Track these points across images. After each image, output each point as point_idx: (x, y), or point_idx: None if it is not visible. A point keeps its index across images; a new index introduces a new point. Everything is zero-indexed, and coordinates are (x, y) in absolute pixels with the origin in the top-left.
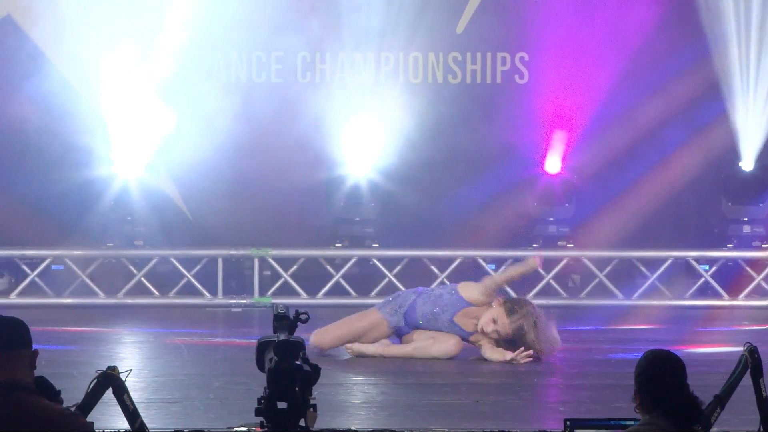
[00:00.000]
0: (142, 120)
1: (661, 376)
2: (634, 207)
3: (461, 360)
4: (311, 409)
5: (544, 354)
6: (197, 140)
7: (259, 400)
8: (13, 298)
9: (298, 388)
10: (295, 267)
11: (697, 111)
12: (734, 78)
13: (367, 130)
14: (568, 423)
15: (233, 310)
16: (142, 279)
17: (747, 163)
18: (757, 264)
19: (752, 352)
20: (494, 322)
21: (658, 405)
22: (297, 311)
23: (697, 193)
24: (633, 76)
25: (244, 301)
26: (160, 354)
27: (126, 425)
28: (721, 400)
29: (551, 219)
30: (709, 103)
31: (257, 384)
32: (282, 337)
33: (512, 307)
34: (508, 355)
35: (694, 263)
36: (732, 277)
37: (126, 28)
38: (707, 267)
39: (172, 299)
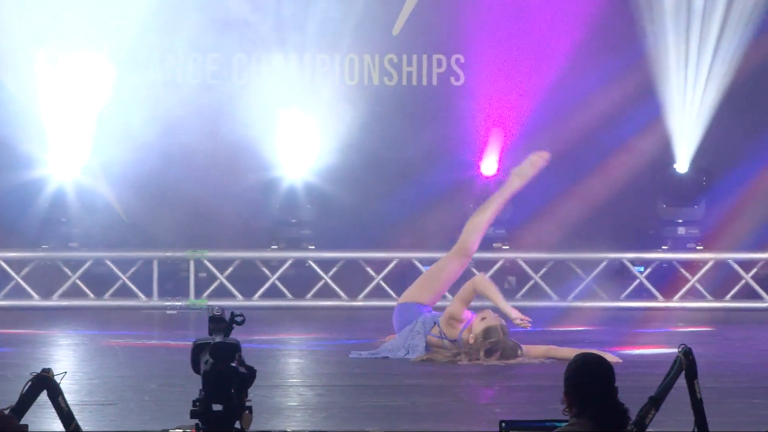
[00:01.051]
0: (78, 121)
1: (589, 382)
2: (570, 209)
3: (399, 361)
4: (247, 412)
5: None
6: (132, 142)
7: (194, 403)
8: None
9: (233, 390)
10: (231, 269)
11: (632, 113)
12: (669, 80)
13: (304, 133)
14: (503, 424)
15: (169, 312)
16: (77, 281)
17: (682, 165)
18: (691, 266)
19: (687, 353)
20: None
21: (586, 410)
22: (233, 313)
23: (632, 195)
24: (569, 77)
25: (180, 303)
26: (95, 356)
27: (61, 428)
28: (656, 402)
29: None
30: (645, 106)
31: (193, 386)
32: (218, 339)
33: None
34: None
35: (629, 265)
36: (667, 279)
37: (61, 29)
38: (642, 269)
39: (107, 301)
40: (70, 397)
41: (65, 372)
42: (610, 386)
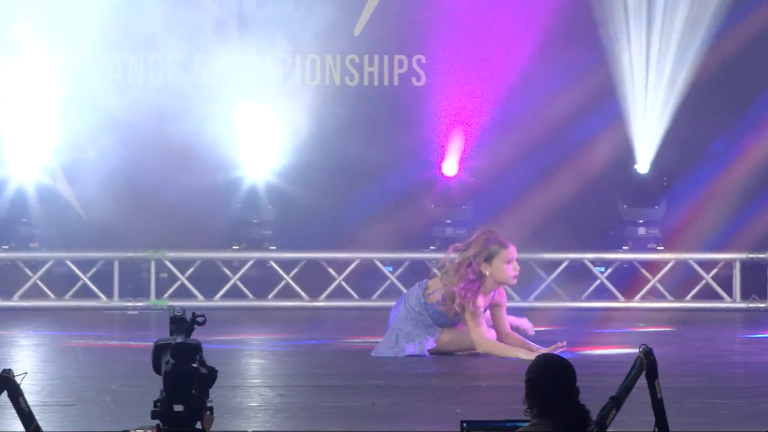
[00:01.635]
0: (37, 121)
1: (550, 382)
2: (531, 209)
3: (360, 361)
4: (208, 412)
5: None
6: (93, 141)
7: (155, 403)
8: None
9: (194, 391)
10: (192, 269)
11: (593, 114)
12: (630, 81)
13: (265, 133)
14: (464, 424)
15: (130, 312)
16: (38, 281)
17: (642, 166)
18: (652, 266)
19: (647, 353)
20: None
21: (547, 410)
22: (194, 314)
23: (593, 195)
24: (530, 78)
25: (141, 304)
26: (56, 357)
27: (21, 429)
28: (617, 402)
29: (448, 221)
30: (606, 107)
31: (154, 387)
32: (179, 339)
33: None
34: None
35: (590, 265)
36: (627, 279)
37: (18, 30)
38: (603, 269)
39: (68, 302)
40: (30, 398)
41: (26, 373)
42: (571, 387)
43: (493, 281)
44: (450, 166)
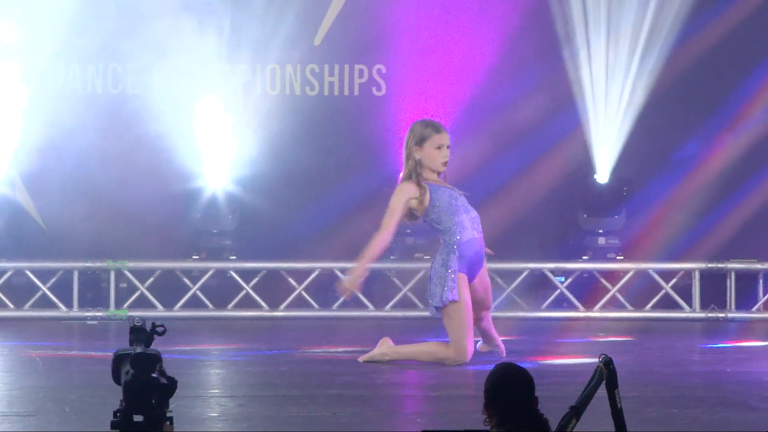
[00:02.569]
0: None
1: (509, 392)
2: (491, 219)
3: (321, 371)
4: (168, 422)
5: None
6: (52, 151)
7: (115, 413)
8: None
9: (154, 401)
10: (151, 279)
11: (553, 123)
12: (589, 91)
13: (225, 142)
14: None
15: (89, 322)
16: None
17: (602, 175)
18: (612, 276)
19: (607, 363)
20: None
21: (506, 420)
22: (154, 324)
23: (553, 205)
24: (490, 88)
25: (100, 314)
26: (15, 367)
27: None
28: (577, 411)
29: (408, 231)
30: (565, 116)
31: (113, 397)
32: (138, 349)
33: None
34: None
35: (550, 275)
36: (587, 289)
37: None
38: (563, 279)
39: (27, 312)
40: None
41: None
42: (530, 396)
43: (426, 169)
44: None
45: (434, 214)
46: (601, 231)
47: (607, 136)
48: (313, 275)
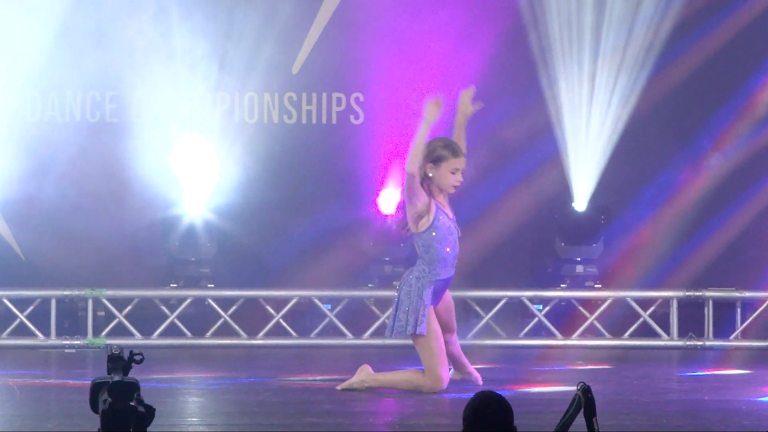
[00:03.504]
0: None
1: (487, 421)
2: (468, 246)
3: (298, 400)
4: None
5: None
6: (30, 178)
7: None
8: None
9: (132, 430)
10: (129, 307)
11: (531, 151)
12: (568, 119)
13: (203, 170)
14: None
15: (67, 351)
16: None
17: (580, 203)
18: (589, 304)
19: (585, 391)
20: None
21: None
22: (131, 352)
23: (531, 233)
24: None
25: (78, 342)
26: None
27: None
28: None
29: (387, 258)
30: (544, 144)
31: (91, 425)
32: (116, 378)
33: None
34: None
35: (528, 303)
36: (565, 317)
37: None
38: (541, 307)
39: (4, 340)
40: None
41: None
42: (509, 425)
43: (436, 188)
44: (388, 204)
45: (427, 240)
46: (579, 259)
47: (585, 164)
48: (291, 303)
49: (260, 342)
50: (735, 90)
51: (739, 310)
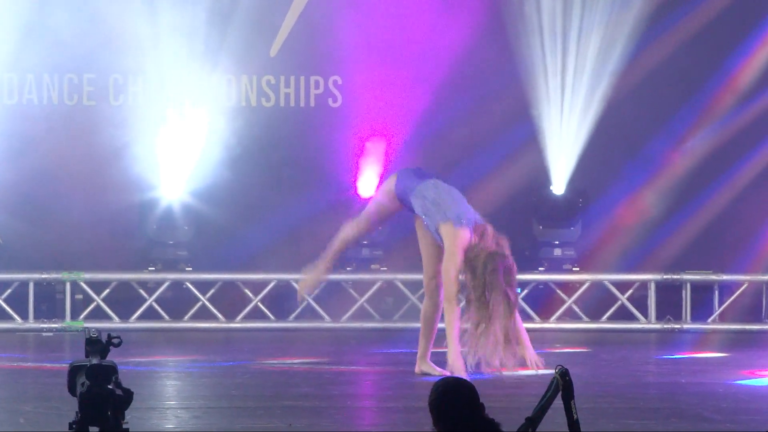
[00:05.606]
0: None
1: (451, 405)
2: None
3: (276, 383)
4: None
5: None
6: (7, 162)
7: (70, 425)
8: None
9: (110, 413)
10: (107, 291)
11: (508, 134)
12: (545, 102)
13: (181, 153)
14: None
15: (44, 334)
16: None
17: (558, 186)
18: (567, 287)
19: (563, 374)
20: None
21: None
22: (109, 335)
23: (508, 216)
24: (446, 99)
25: (56, 326)
26: None
27: None
28: (533, 422)
29: (365, 242)
30: (521, 127)
31: (69, 408)
32: (94, 361)
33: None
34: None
35: None
36: (543, 300)
37: None
38: (519, 290)
39: None
40: None
41: None
42: (474, 404)
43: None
44: (366, 187)
45: None
46: (557, 242)
47: (563, 148)
48: (269, 287)
49: (238, 325)
50: (713, 72)
51: (716, 293)
